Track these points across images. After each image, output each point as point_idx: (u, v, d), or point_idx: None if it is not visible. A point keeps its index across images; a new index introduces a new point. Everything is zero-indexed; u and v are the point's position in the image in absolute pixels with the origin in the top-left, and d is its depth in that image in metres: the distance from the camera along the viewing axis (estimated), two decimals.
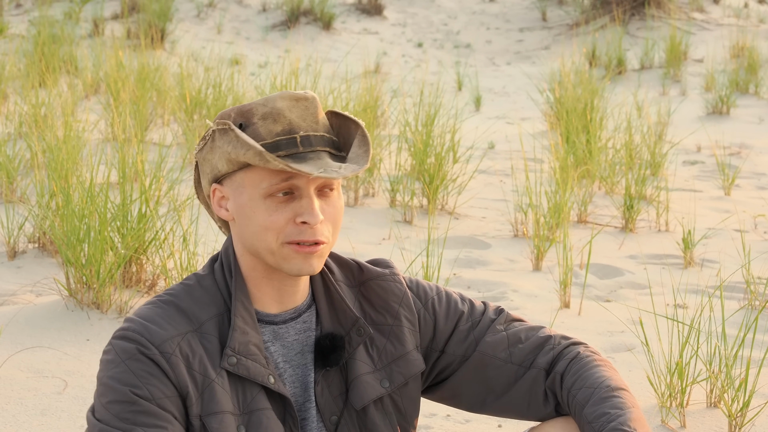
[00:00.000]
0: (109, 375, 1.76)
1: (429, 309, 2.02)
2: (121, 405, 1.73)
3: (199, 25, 15.29)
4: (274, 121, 1.81)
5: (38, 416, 3.41)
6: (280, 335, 1.89)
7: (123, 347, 1.77)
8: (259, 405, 1.82)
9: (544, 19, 16.09)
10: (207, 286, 1.87)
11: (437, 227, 5.98)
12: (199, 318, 1.83)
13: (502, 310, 2.05)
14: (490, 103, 11.89)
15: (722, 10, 16.03)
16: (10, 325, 4.13)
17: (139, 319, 1.81)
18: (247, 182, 1.81)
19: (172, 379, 1.76)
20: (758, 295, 4.63)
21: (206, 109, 7.93)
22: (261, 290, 1.88)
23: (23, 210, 5.57)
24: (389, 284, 2.00)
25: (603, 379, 1.89)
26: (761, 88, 11.97)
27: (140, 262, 4.47)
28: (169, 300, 1.84)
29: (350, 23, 15.85)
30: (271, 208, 1.80)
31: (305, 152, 1.80)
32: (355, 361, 1.92)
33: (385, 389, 1.93)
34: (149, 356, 1.76)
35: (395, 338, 1.96)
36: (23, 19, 14.78)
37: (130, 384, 1.74)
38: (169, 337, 1.78)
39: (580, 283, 5.02)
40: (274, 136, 1.80)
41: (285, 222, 1.80)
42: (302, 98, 1.83)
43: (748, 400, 3.28)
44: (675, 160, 8.29)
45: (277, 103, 1.82)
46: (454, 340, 2.01)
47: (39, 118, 7.03)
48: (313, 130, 1.83)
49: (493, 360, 1.98)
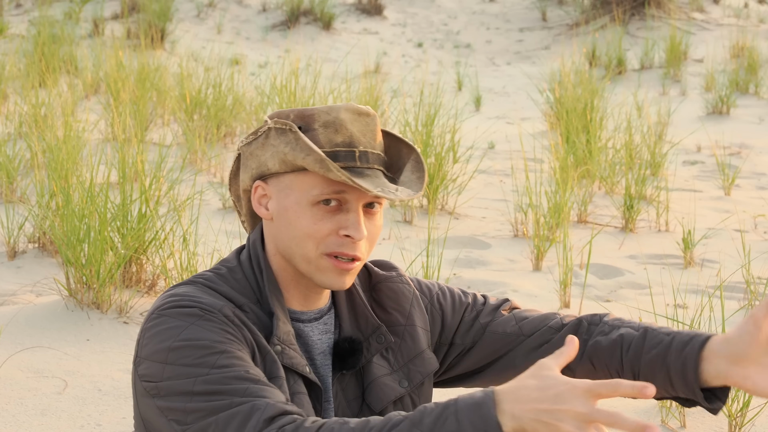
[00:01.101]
0: (183, 338, 1.69)
1: (435, 305, 2.04)
2: (214, 356, 1.67)
3: (199, 25, 15.29)
4: (335, 131, 1.80)
5: (38, 416, 3.41)
6: (304, 334, 1.90)
7: (184, 312, 1.72)
8: (300, 389, 1.83)
9: (544, 19, 16.09)
10: (238, 278, 1.86)
11: (437, 227, 5.98)
12: (237, 301, 1.82)
13: (506, 299, 2.07)
14: (490, 103, 11.89)
15: (722, 10, 16.03)
16: (10, 325, 4.13)
17: (184, 293, 1.78)
18: (297, 186, 1.80)
19: (240, 337, 1.74)
20: (758, 295, 4.63)
21: (206, 109, 7.93)
22: (288, 290, 1.89)
23: (23, 210, 5.57)
24: (398, 286, 2.01)
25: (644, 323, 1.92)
26: (761, 88, 11.97)
27: (140, 262, 4.47)
28: (206, 283, 1.83)
29: (350, 23, 15.85)
30: (317, 216, 1.79)
31: (362, 168, 1.80)
32: (371, 365, 1.93)
33: (404, 389, 1.94)
34: (215, 316, 1.73)
35: (410, 338, 1.98)
36: (23, 19, 14.78)
37: (211, 339, 1.69)
38: (222, 305, 1.76)
39: (580, 283, 5.02)
40: (333, 146, 1.80)
41: (328, 232, 1.79)
42: (365, 114, 1.83)
43: (748, 400, 3.28)
44: (675, 160, 8.29)
45: (341, 114, 1.81)
46: (461, 331, 2.03)
47: (39, 118, 7.03)
48: (371, 147, 1.83)
49: (503, 335, 2.01)
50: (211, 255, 4.83)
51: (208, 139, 7.54)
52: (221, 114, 7.90)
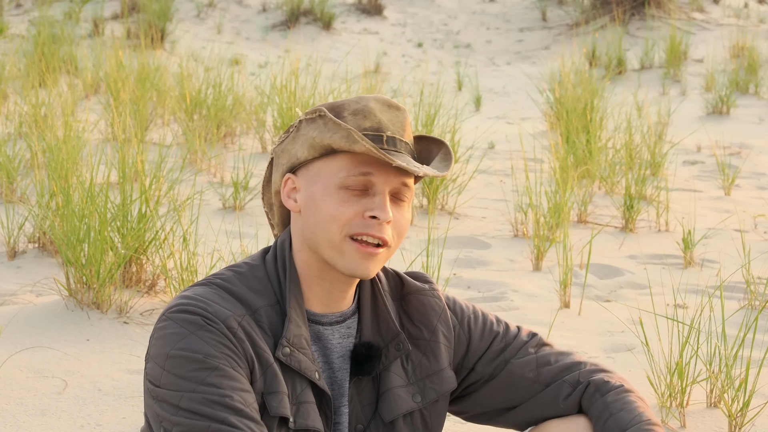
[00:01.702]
0: (180, 347, 1.73)
1: (465, 327, 2.02)
2: (204, 372, 1.71)
3: (199, 25, 15.29)
4: (364, 117, 1.83)
5: (38, 416, 3.41)
6: (324, 337, 1.89)
7: (188, 319, 1.75)
8: (307, 398, 1.83)
9: (544, 19, 16.09)
10: (259, 277, 1.87)
11: (437, 227, 5.98)
12: (253, 304, 1.83)
13: (535, 334, 2.05)
14: (490, 103, 11.89)
15: (722, 10, 16.03)
16: (10, 325, 4.13)
17: (196, 296, 1.80)
18: (324, 171, 1.82)
19: (239, 352, 1.76)
20: (758, 295, 4.63)
21: (206, 109, 7.93)
22: (311, 290, 1.89)
23: (23, 210, 5.57)
24: (429, 299, 2.00)
25: (641, 411, 1.91)
26: (761, 88, 11.97)
27: (140, 262, 4.47)
28: (223, 284, 1.84)
29: (350, 23, 15.85)
30: (342, 198, 1.81)
31: (389, 149, 1.82)
32: (389, 373, 1.92)
33: (416, 404, 1.93)
34: (217, 328, 1.75)
35: (431, 354, 1.96)
36: (23, 19, 14.78)
37: (206, 353, 1.72)
38: (229, 315, 1.78)
39: (580, 283, 5.02)
40: (362, 130, 1.82)
41: (353, 214, 1.80)
42: (394, 106, 1.86)
43: (748, 400, 3.28)
44: (675, 160, 8.29)
45: (370, 103, 1.84)
46: (485, 359, 2.01)
47: (39, 118, 7.03)
48: (400, 135, 1.85)
49: (520, 379, 1.99)
50: (211, 255, 4.84)
51: (208, 139, 7.54)
52: (221, 114, 7.90)
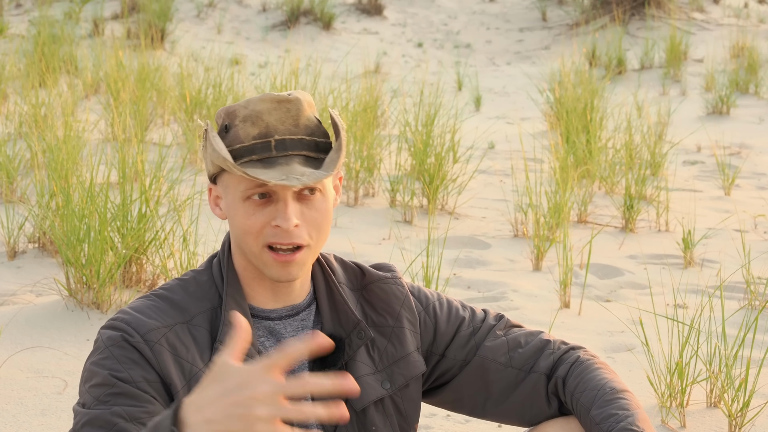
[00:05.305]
0: (93, 361, 1.80)
1: (430, 312, 2.03)
2: (101, 388, 1.77)
3: (199, 25, 15.29)
4: (252, 124, 1.81)
5: (38, 416, 3.41)
6: (276, 331, 1.90)
7: (109, 335, 1.81)
8: None
9: (544, 19, 16.09)
10: (203, 282, 1.90)
11: (437, 227, 5.98)
12: (190, 311, 1.86)
13: (501, 316, 2.07)
14: (490, 103, 11.89)
15: (722, 10, 16.03)
16: (10, 325, 4.13)
17: (129, 310, 1.85)
18: (230, 184, 1.83)
19: (155, 366, 1.79)
20: (758, 295, 4.63)
21: (206, 109, 7.93)
22: (254, 288, 1.90)
23: (23, 210, 5.57)
24: (391, 287, 2.01)
25: (606, 381, 1.91)
26: (761, 88, 11.97)
27: (140, 262, 4.47)
28: (163, 294, 1.88)
29: (350, 23, 15.85)
30: (249, 211, 1.81)
31: (277, 156, 1.80)
32: (355, 363, 1.93)
33: (386, 390, 1.94)
34: (132, 343, 1.79)
35: (396, 340, 1.97)
36: (23, 19, 14.78)
37: (111, 368, 1.78)
38: (155, 327, 1.82)
39: (580, 283, 5.02)
40: (251, 140, 1.81)
41: (261, 225, 1.81)
42: (284, 100, 1.82)
43: (748, 400, 3.28)
44: (675, 160, 8.29)
45: (258, 106, 1.82)
46: (454, 345, 2.02)
47: (39, 118, 7.04)
48: (291, 133, 1.82)
49: (493, 364, 2.00)
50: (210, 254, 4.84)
51: None
52: None
